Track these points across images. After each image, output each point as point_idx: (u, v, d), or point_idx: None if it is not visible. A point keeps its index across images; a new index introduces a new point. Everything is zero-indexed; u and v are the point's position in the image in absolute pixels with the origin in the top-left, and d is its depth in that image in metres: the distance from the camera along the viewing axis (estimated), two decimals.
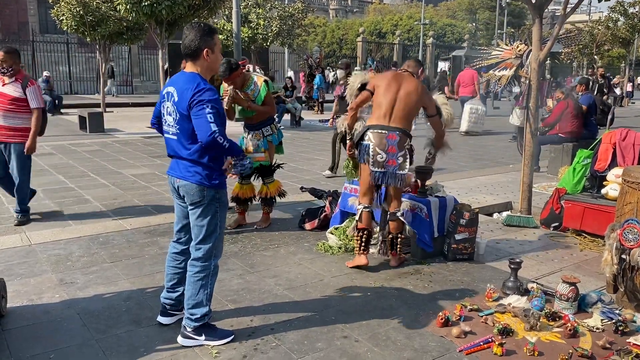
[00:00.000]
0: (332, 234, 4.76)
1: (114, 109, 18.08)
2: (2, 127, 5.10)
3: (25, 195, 5.38)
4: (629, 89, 28.39)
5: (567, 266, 4.41)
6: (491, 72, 5.95)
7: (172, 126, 2.96)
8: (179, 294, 3.21)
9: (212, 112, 2.79)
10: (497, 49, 6.14)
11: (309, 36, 32.81)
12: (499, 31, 39.02)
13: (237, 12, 14.30)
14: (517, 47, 5.75)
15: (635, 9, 26.46)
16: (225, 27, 19.66)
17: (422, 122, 4.95)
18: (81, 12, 14.37)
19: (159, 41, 13.22)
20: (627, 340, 3.13)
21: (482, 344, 3.04)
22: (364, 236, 4.18)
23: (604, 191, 5.13)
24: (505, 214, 5.75)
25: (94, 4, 14.41)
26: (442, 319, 3.27)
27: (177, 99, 2.88)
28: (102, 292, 3.71)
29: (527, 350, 2.95)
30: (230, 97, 4.82)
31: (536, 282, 3.91)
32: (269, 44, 21.77)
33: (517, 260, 3.79)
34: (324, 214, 5.23)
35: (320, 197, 5.68)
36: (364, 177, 4.20)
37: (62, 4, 14.63)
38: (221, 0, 13.32)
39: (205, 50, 2.90)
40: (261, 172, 5.19)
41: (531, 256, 4.61)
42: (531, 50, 5.42)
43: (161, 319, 3.27)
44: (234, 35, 14.57)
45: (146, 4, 11.64)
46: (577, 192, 5.46)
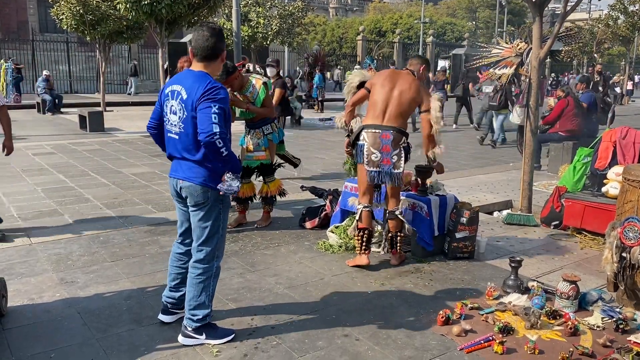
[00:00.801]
0: (333, 232, 4.76)
1: (114, 108, 18.08)
2: None
3: None
4: (629, 87, 28.38)
5: (568, 264, 4.41)
6: (491, 70, 5.95)
7: (176, 125, 2.92)
8: (181, 293, 3.20)
9: (218, 112, 2.75)
10: (497, 47, 6.13)
11: (309, 35, 32.78)
12: (499, 29, 39.02)
13: (237, 10, 14.29)
14: (517, 45, 5.75)
15: (635, 7, 26.45)
16: (225, 25, 19.64)
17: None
18: (81, 11, 14.37)
19: (158, 40, 13.21)
20: (628, 338, 3.13)
21: (482, 342, 3.04)
22: (365, 236, 4.19)
23: (604, 189, 5.13)
24: (505, 212, 5.75)
25: (94, 2, 14.41)
26: (442, 318, 3.27)
27: (185, 97, 2.85)
28: (103, 291, 3.71)
29: (528, 348, 2.95)
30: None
31: (537, 281, 3.91)
32: (269, 42, 21.74)
33: (518, 258, 3.79)
34: (325, 212, 5.23)
35: (320, 196, 5.68)
36: (361, 177, 4.21)
37: (62, 3, 14.64)
38: None
39: (223, 52, 2.94)
40: (262, 171, 5.19)
41: (532, 254, 4.60)
42: (531, 48, 5.42)
43: (162, 317, 3.27)
44: (234, 34, 14.56)
45: (146, 2, 11.62)
46: (577, 191, 5.46)
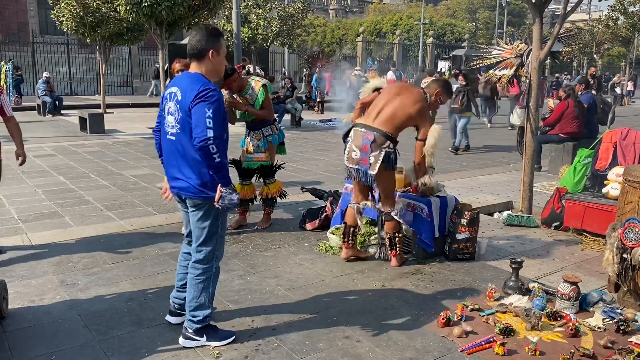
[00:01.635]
0: (333, 234, 4.75)
1: (114, 110, 18.09)
2: None
3: None
4: (630, 88, 28.34)
5: (568, 265, 4.40)
6: (491, 71, 5.95)
7: (173, 126, 2.94)
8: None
9: (212, 116, 2.76)
10: (497, 48, 6.13)
11: (309, 36, 32.78)
12: (499, 30, 39.06)
13: (237, 12, 14.32)
14: (517, 46, 5.75)
15: (635, 7, 26.46)
16: (225, 27, 19.67)
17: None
18: (81, 13, 14.37)
19: (159, 42, 13.21)
20: (629, 339, 3.12)
21: (483, 343, 3.04)
22: (348, 230, 4.32)
23: (604, 190, 5.13)
24: (506, 213, 5.74)
25: (94, 4, 14.42)
26: (443, 319, 3.27)
27: (180, 98, 2.87)
28: (104, 293, 3.71)
29: (529, 350, 2.95)
30: (226, 102, 4.85)
31: (537, 282, 3.91)
32: (269, 44, 21.77)
33: (518, 259, 3.79)
34: (325, 214, 5.22)
35: (321, 198, 5.68)
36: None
37: (62, 5, 14.64)
38: (221, 0, 13.29)
39: (210, 51, 2.90)
40: (262, 173, 5.19)
41: (532, 256, 4.60)
42: (531, 49, 5.42)
43: (169, 319, 3.28)
44: (234, 35, 14.58)
45: (146, 4, 11.63)
46: (578, 192, 5.46)
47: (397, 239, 4.26)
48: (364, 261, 4.40)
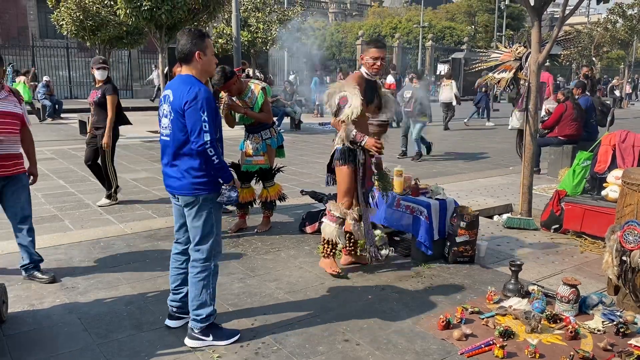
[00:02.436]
0: None
1: None
2: (5, 156, 3.75)
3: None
4: (629, 91, 28.39)
5: (568, 268, 4.41)
6: (490, 74, 5.96)
7: (167, 127, 3.05)
8: (182, 295, 3.25)
9: (207, 120, 2.88)
10: (496, 51, 6.14)
11: (309, 40, 32.81)
12: (499, 33, 39.09)
13: (236, 16, 14.33)
14: (516, 49, 5.76)
15: (633, 10, 26.52)
16: (224, 31, 19.70)
17: None
18: (81, 17, 14.39)
19: (158, 45, 13.23)
20: (629, 342, 3.12)
21: (483, 346, 3.04)
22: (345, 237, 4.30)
23: (604, 193, 5.13)
24: (505, 216, 5.75)
25: (94, 8, 14.43)
26: (443, 322, 3.27)
27: (172, 99, 2.98)
28: (103, 297, 3.71)
29: (529, 352, 2.95)
30: (225, 105, 4.87)
31: (537, 285, 3.91)
32: (268, 47, 21.80)
33: (518, 262, 3.79)
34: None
35: (320, 200, 5.68)
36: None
37: (62, 8, 14.66)
38: (220, 4, 13.32)
39: (197, 53, 3.00)
40: (261, 176, 5.20)
41: (532, 258, 4.60)
42: (530, 52, 5.44)
43: (168, 322, 3.30)
44: (234, 39, 14.59)
45: (146, 8, 11.65)
46: (577, 194, 5.46)
47: (324, 244, 4.16)
48: (364, 265, 4.39)
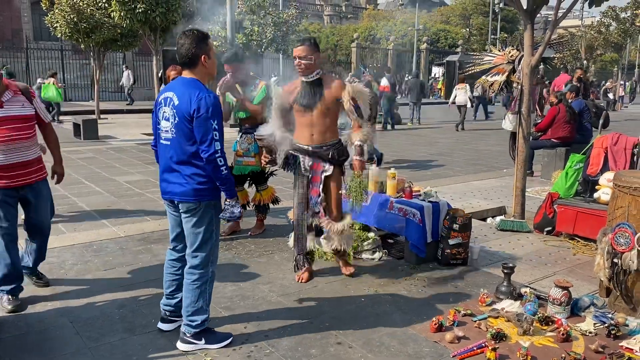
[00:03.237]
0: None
1: (108, 116, 18.05)
2: (19, 164, 3.51)
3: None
4: (622, 93, 28.53)
5: (560, 270, 4.42)
6: (484, 77, 5.98)
7: (168, 131, 2.94)
8: (177, 300, 3.23)
9: (217, 128, 2.84)
10: (490, 54, 6.17)
11: None
12: (493, 36, 39.23)
13: (231, 18, 14.35)
14: (509, 52, 5.79)
15: (626, 13, 26.73)
16: (220, 33, 19.71)
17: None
18: (75, 19, 14.37)
19: (153, 48, 13.23)
20: (620, 344, 3.14)
21: (475, 349, 3.05)
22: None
23: (596, 195, 5.15)
24: (498, 218, 5.76)
25: (88, 11, 14.42)
26: (435, 324, 3.28)
27: (177, 103, 2.88)
28: (96, 300, 3.70)
29: (520, 354, 2.96)
30: (225, 86, 4.75)
31: (529, 287, 3.92)
32: (263, 50, 21.82)
33: (511, 265, 3.81)
34: None
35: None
36: None
37: (56, 11, 14.64)
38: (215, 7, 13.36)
39: (202, 56, 2.92)
40: (254, 179, 5.17)
41: (524, 261, 4.62)
42: (523, 55, 5.46)
43: (161, 326, 3.28)
44: (229, 41, 14.61)
45: (140, 10, 11.66)
46: (569, 197, 5.48)
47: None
48: (357, 267, 4.39)
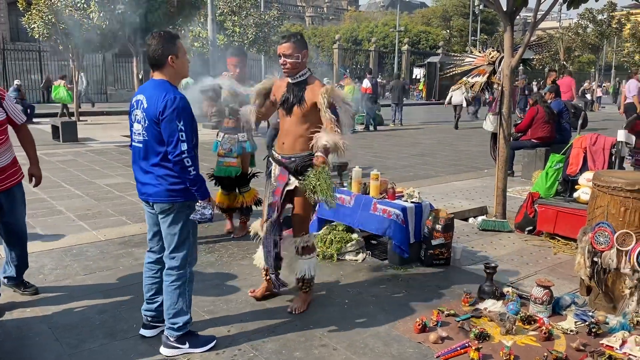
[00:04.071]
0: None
1: (88, 118, 17.83)
2: None
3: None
4: (599, 94, 29.03)
5: (542, 269, 4.47)
6: (464, 78, 6.02)
7: (140, 133, 2.95)
8: (158, 304, 3.19)
9: (184, 128, 2.81)
10: (470, 56, 6.22)
11: None
12: (473, 38, 39.64)
13: (212, 19, 14.28)
14: (490, 53, 5.84)
15: (603, 16, 27.22)
16: (201, 34, 19.59)
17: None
18: (53, 20, 14.16)
19: (133, 50, 13.09)
20: (600, 341, 3.18)
21: (459, 349, 3.06)
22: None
23: (576, 195, 5.22)
24: (480, 218, 5.81)
25: (67, 11, 14.21)
26: (419, 325, 3.28)
27: (146, 106, 2.89)
28: (75, 306, 3.64)
29: (503, 354, 2.98)
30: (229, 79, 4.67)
31: (511, 286, 3.95)
32: (245, 51, 21.74)
33: (493, 264, 3.83)
34: None
35: None
36: None
37: (34, 11, 14.41)
38: (196, 8, 13.26)
39: (170, 57, 2.91)
40: (236, 182, 5.12)
41: (506, 260, 4.66)
42: (503, 57, 5.51)
43: (143, 332, 3.24)
44: (210, 42, 14.53)
45: (120, 11, 11.54)
46: (550, 196, 5.54)
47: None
48: (341, 269, 4.39)
